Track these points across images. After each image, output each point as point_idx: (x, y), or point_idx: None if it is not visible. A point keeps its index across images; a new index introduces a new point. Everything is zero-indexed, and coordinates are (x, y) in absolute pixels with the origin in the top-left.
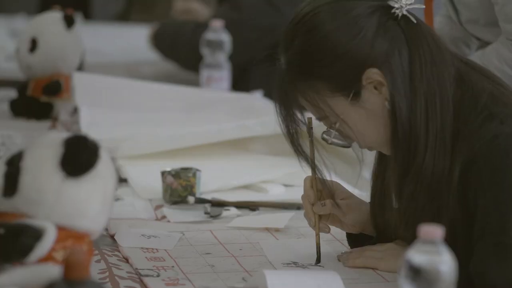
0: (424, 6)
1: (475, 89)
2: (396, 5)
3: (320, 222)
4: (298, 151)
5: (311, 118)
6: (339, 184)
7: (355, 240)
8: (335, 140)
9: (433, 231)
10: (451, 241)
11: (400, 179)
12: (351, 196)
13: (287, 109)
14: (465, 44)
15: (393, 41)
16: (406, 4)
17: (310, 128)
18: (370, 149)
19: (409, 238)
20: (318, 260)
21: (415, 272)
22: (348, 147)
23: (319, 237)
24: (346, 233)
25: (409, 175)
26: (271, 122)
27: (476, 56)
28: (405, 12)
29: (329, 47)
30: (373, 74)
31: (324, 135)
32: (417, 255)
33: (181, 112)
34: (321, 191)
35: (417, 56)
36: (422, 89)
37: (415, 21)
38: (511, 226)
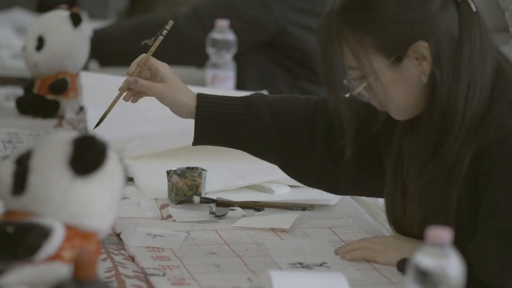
0: None
1: (509, 84)
2: None
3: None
4: (328, 81)
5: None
6: (168, 68)
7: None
8: (358, 93)
9: (441, 234)
10: (456, 223)
11: (424, 161)
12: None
13: (326, 47)
14: None
15: (449, 22)
16: None
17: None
18: (390, 113)
19: (419, 217)
20: (97, 125)
21: (423, 275)
22: (367, 102)
23: (110, 109)
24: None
25: (435, 158)
26: None
27: None
28: None
29: (391, 8)
30: (422, 48)
31: (347, 83)
32: (425, 258)
33: None
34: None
35: (468, 43)
36: (467, 76)
37: (474, 9)
38: None
